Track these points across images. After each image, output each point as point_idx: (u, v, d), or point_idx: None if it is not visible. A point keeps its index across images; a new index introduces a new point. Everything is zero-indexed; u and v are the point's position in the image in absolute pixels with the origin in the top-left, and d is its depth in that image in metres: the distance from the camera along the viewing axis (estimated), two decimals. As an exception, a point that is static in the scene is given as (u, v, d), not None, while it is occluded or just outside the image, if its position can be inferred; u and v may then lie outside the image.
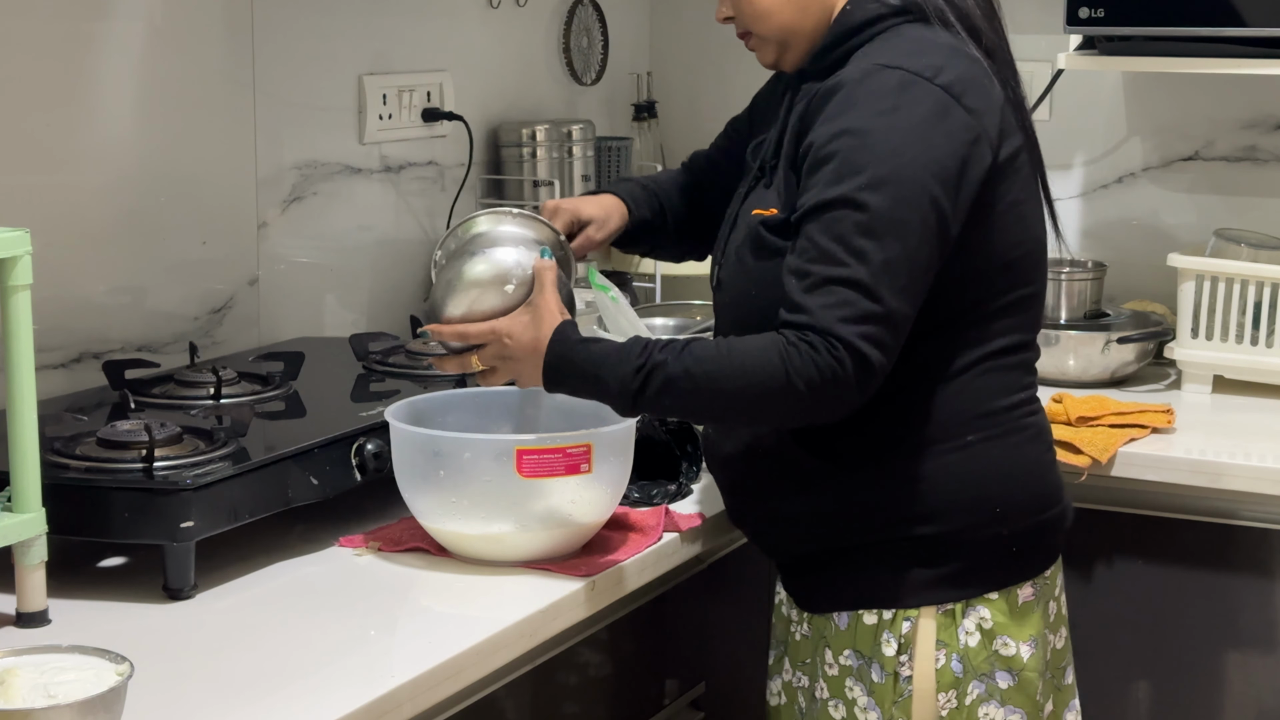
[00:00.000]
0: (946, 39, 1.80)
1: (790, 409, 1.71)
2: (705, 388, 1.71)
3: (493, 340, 1.81)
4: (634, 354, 1.73)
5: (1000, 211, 1.79)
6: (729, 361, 1.71)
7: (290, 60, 2.53)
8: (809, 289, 1.69)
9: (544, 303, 1.81)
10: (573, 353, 1.77)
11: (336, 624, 1.72)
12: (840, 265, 1.68)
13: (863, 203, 1.68)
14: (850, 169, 1.70)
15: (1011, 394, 1.85)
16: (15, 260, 1.61)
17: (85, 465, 1.80)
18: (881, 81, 1.74)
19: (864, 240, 1.68)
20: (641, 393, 1.72)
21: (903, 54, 1.77)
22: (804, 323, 1.68)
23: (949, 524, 1.81)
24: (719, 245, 1.95)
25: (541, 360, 1.77)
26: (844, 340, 1.66)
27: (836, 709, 1.87)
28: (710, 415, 1.85)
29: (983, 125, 1.75)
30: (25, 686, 1.39)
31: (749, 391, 1.70)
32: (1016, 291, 1.84)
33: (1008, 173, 1.79)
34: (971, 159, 1.74)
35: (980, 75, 1.79)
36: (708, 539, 2.07)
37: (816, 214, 1.71)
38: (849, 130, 1.72)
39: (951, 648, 1.82)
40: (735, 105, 2.07)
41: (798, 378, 1.67)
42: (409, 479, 1.88)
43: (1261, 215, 2.95)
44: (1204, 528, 2.43)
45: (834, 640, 1.86)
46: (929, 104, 1.73)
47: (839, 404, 1.70)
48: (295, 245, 2.57)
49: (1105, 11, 2.70)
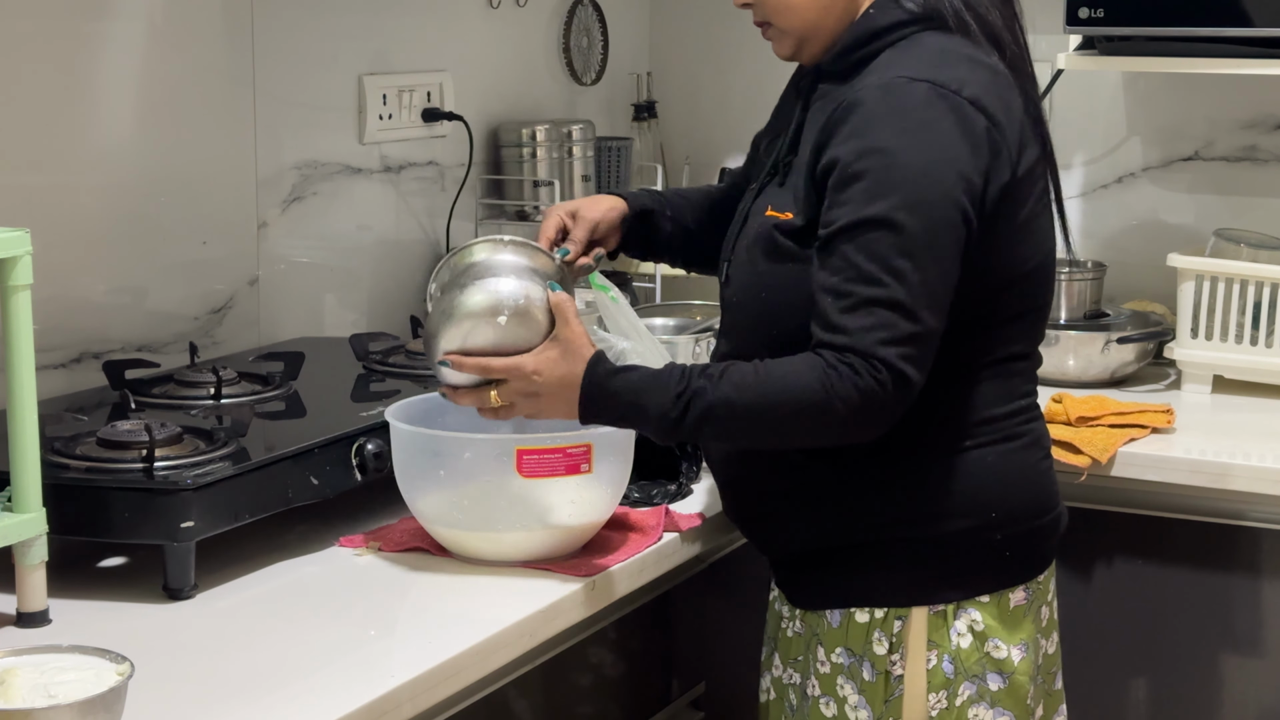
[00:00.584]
0: (968, 49, 1.80)
1: (831, 431, 1.71)
2: (745, 415, 1.71)
3: (517, 376, 1.77)
4: (673, 381, 1.72)
5: (1015, 227, 1.79)
6: (769, 386, 1.70)
7: (290, 60, 2.53)
8: (848, 310, 1.68)
9: (571, 335, 1.78)
10: (609, 383, 1.75)
11: (336, 624, 1.72)
12: (880, 286, 1.68)
13: (899, 224, 1.68)
14: (883, 189, 1.69)
15: (1011, 401, 1.85)
16: (15, 260, 1.61)
17: (85, 465, 1.80)
18: (907, 96, 1.73)
19: (902, 261, 1.68)
20: (682, 420, 1.71)
21: (926, 65, 1.76)
22: (844, 344, 1.68)
23: (944, 527, 1.81)
24: (728, 241, 1.94)
25: (576, 394, 1.75)
26: (886, 362, 1.67)
27: (828, 706, 1.87)
28: (750, 439, 1.81)
29: (1005, 140, 1.76)
30: (25, 686, 1.39)
31: (790, 417, 1.70)
32: (1024, 304, 1.84)
33: (1024, 186, 1.79)
34: (994, 173, 1.74)
35: (1002, 87, 1.79)
36: (708, 539, 2.07)
37: (851, 234, 1.70)
38: (878, 149, 1.71)
39: (943, 648, 1.82)
40: (735, 105, 2.07)
41: (840, 401, 1.67)
42: (409, 479, 1.88)
43: (1261, 215, 2.95)
44: (1204, 528, 2.43)
45: (826, 638, 1.87)
46: (955, 119, 1.72)
47: (878, 424, 1.71)
48: (295, 245, 2.57)
49: (1105, 11, 2.70)
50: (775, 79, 2.20)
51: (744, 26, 1.99)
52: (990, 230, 1.76)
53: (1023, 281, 1.83)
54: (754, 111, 3.16)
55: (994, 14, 1.84)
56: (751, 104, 3.26)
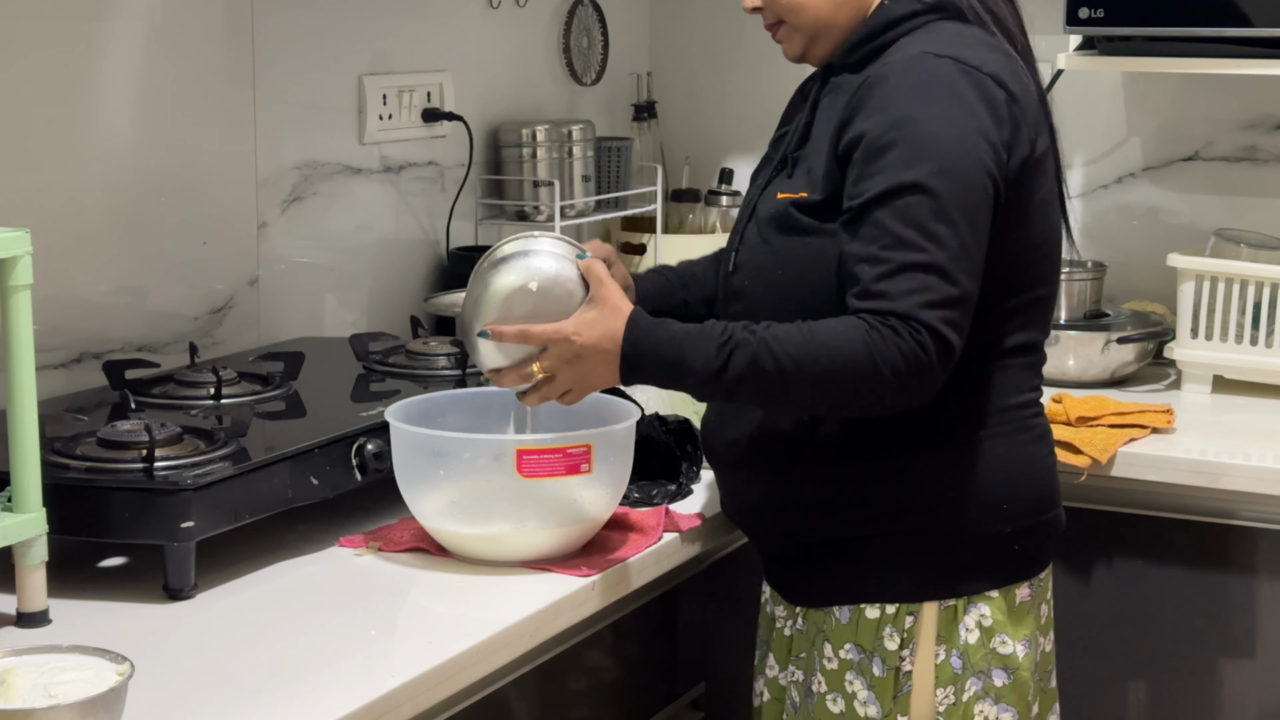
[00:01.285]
0: (983, 35, 1.82)
1: (872, 394, 1.70)
2: (788, 369, 1.70)
3: (557, 340, 1.76)
4: (715, 332, 1.72)
5: (1032, 208, 1.81)
6: (813, 343, 1.70)
7: (290, 60, 2.53)
8: (886, 275, 1.68)
9: (607, 294, 1.77)
10: (651, 336, 1.74)
11: (336, 624, 1.72)
12: (919, 250, 1.68)
13: (934, 189, 1.69)
14: (917, 156, 1.70)
15: (1021, 393, 1.86)
16: (15, 260, 1.61)
17: (85, 465, 1.80)
18: (934, 69, 1.75)
19: (939, 225, 1.68)
20: (724, 372, 1.70)
21: (947, 44, 1.78)
22: (884, 309, 1.67)
23: (954, 518, 1.81)
24: (735, 235, 1.94)
25: (617, 352, 1.74)
26: (928, 325, 1.67)
27: (835, 702, 1.87)
28: (791, 397, 1.76)
29: (1025, 118, 1.78)
30: (25, 686, 1.39)
31: (832, 373, 1.69)
32: (1034, 291, 1.85)
33: (1040, 168, 1.81)
34: (1015, 146, 1.76)
35: (1019, 71, 1.81)
36: (708, 539, 2.07)
37: (887, 200, 1.70)
38: (909, 118, 1.73)
39: (952, 644, 1.83)
40: (735, 105, 2.07)
41: (883, 364, 1.67)
42: (409, 479, 1.88)
43: (1261, 215, 2.95)
44: (1204, 528, 2.43)
45: (834, 634, 1.86)
46: (981, 92, 1.75)
47: (920, 389, 1.70)
48: (295, 245, 2.57)
49: (1105, 11, 2.70)
50: (775, 79, 2.21)
51: (744, 26, 2.00)
52: (1009, 208, 1.77)
53: (1034, 266, 1.84)
54: (754, 111, 3.18)
55: (1002, 8, 1.87)
56: (751, 104, 3.28)
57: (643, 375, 1.76)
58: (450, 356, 2.29)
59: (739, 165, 3.22)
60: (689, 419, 2.17)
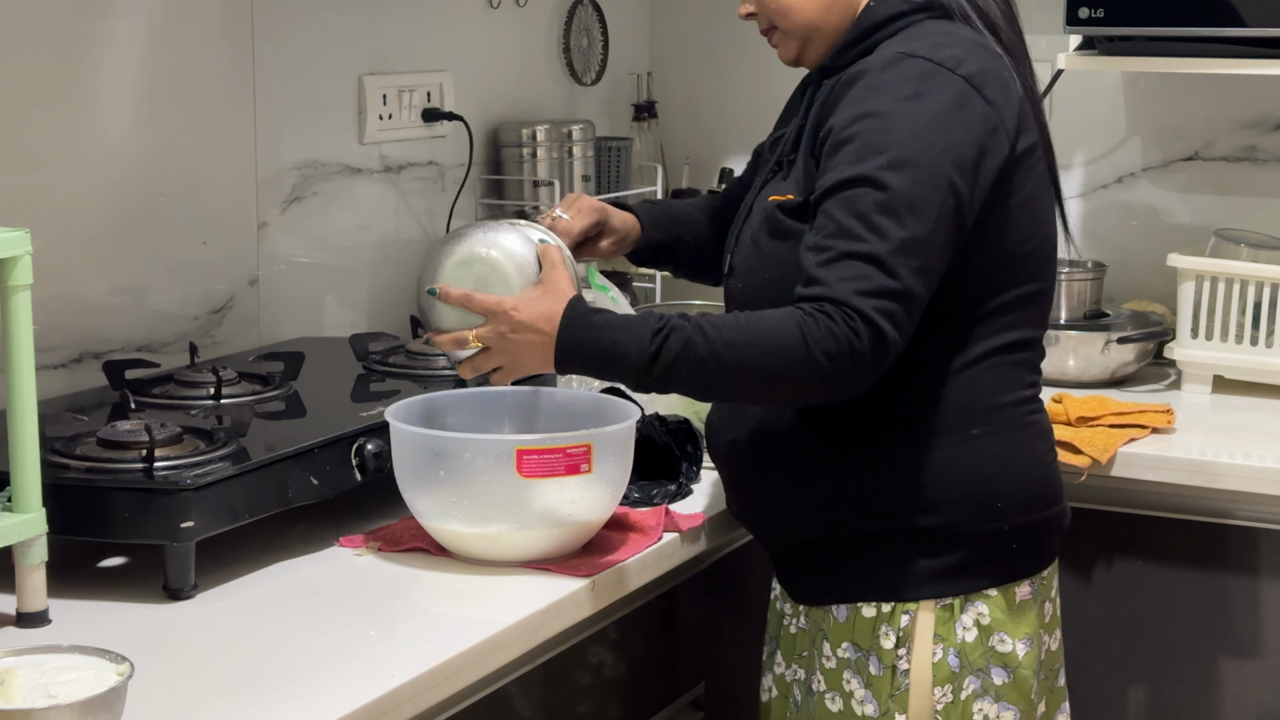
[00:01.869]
0: (969, 33, 1.83)
1: (807, 381, 1.70)
2: (723, 354, 1.70)
3: (497, 312, 1.78)
4: (650, 320, 1.73)
5: (1015, 205, 1.80)
6: (746, 329, 1.71)
7: (290, 60, 2.53)
8: (826, 263, 1.69)
9: (555, 278, 1.80)
10: (588, 320, 1.75)
11: (336, 624, 1.72)
12: (859, 240, 1.69)
13: (883, 182, 1.70)
14: (871, 149, 1.72)
15: (1016, 390, 1.86)
16: (15, 260, 1.61)
17: (85, 465, 1.80)
18: (905, 69, 1.76)
19: (883, 218, 1.69)
20: (657, 358, 1.71)
21: (926, 45, 1.79)
22: (820, 294, 1.68)
23: (950, 516, 1.81)
24: (732, 236, 1.95)
25: (553, 335, 1.75)
26: (860, 312, 1.67)
27: (833, 701, 1.87)
28: (724, 385, 1.76)
29: (1001, 117, 1.77)
30: (25, 686, 1.39)
31: (766, 359, 1.70)
32: (1025, 287, 1.85)
33: (1023, 166, 1.81)
34: (989, 149, 1.76)
35: (1001, 69, 1.81)
36: (708, 539, 2.07)
37: (837, 191, 1.72)
38: (872, 113, 1.74)
39: (949, 642, 1.83)
40: (735, 105, 2.07)
41: (815, 347, 1.67)
42: (409, 479, 1.88)
43: (1261, 215, 2.95)
44: (1204, 528, 2.43)
45: (832, 633, 1.87)
46: (950, 93, 1.75)
47: (853, 378, 1.70)
48: (295, 245, 2.57)
49: (1105, 11, 2.70)
50: (775, 79, 2.21)
51: (744, 26, 2.00)
52: (991, 207, 1.77)
53: (1024, 262, 1.84)
54: (754, 111, 3.18)
55: (991, 4, 1.87)
56: (751, 104, 3.27)
57: (577, 360, 1.76)
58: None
59: (739, 165, 3.20)
60: (689, 419, 2.17)
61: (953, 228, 1.73)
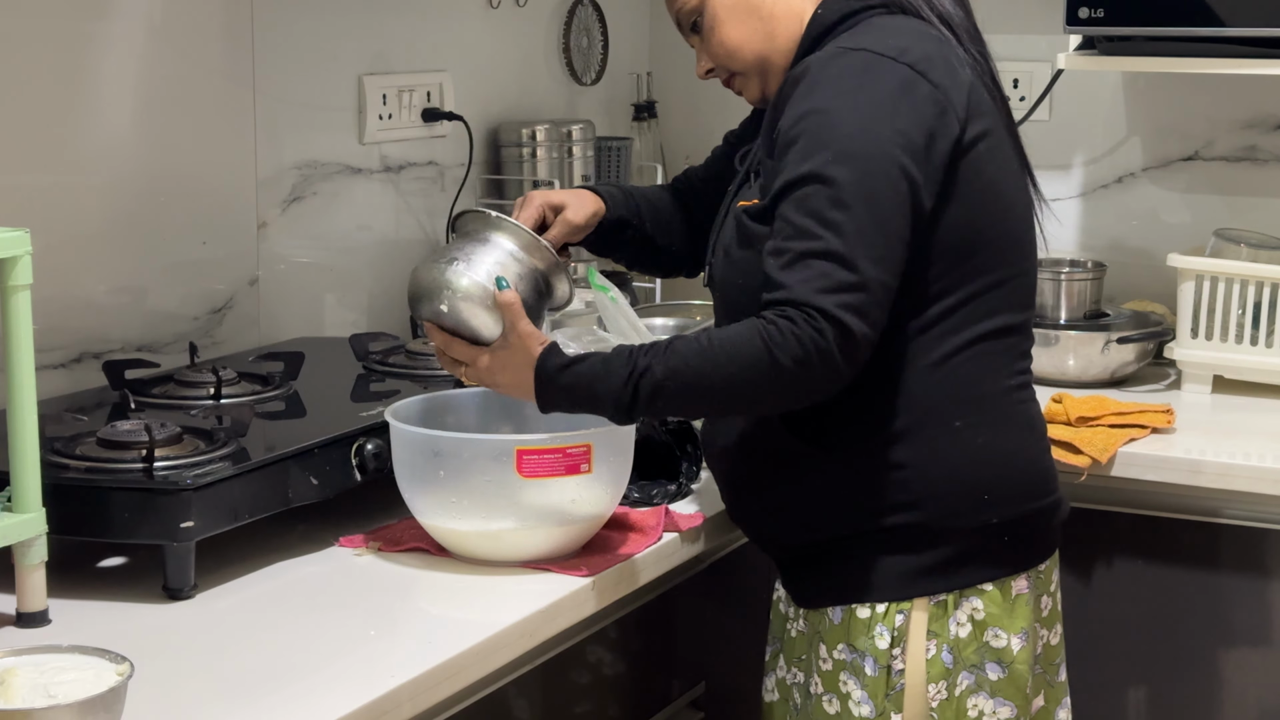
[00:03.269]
0: (915, 25, 1.83)
1: (779, 388, 1.70)
2: (694, 384, 1.72)
3: (475, 367, 1.82)
4: (621, 365, 1.73)
5: (976, 190, 1.80)
6: (712, 353, 1.71)
7: (290, 60, 2.53)
8: (785, 265, 1.70)
9: (518, 338, 1.80)
10: (559, 379, 1.77)
11: (336, 624, 1.72)
12: (814, 239, 1.69)
13: (830, 177, 1.70)
14: (816, 145, 1.72)
15: (1001, 379, 1.85)
16: (15, 260, 1.61)
17: (85, 465, 1.80)
18: (846, 63, 1.77)
19: (836, 212, 1.69)
20: (635, 403, 1.73)
21: (869, 39, 1.79)
22: (782, 298, 1.69)
23: (938, 510, 1.81)
24: (710, 245, 1.96)
25: (532, 394, 1.78)
26: (823, 310, 1.67)
27: (830, 704, 1.87)
28: (706, 409, 1.84)
29: (950, 99, 1.77)
30: (25, 686, 1.39)
31: (737, 378, 1.70)
32: (999, 272, 1.84)
33: (980, 150, 1.80)
34: (939, 131, 1.75)
35: (949, 55, 1.81)
36: (708, 539, 2.07)
37: (788, 192, 1.72)
38: (814, 110, 1.74)
39: (942, 638, 1.82)
40: (735, 105, 2.07)
41: (781, 354, 1.67)
42: (409, 479, 1.88)
43: (1261, 215, 2.95)
44: (1204, 528, 2.43)
45: (828, 635, 1.87)
46: (894, 80, 1.75)
47: (826, 377, 1.70)
48: (295, 245, 2.57)
49: (1105, 11, 2.70)
50: (775, 79, 2.20)
51: (744, 26, 2.00)
52: (949, 191, 1.77)
53: (993, 247, 1.83)
54: (754, 111, 3.17)
55: None
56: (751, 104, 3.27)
57: (562, 410, 1.80)
58: (450, 356, 2.29)
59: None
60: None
61: (909, 211, 1.73)
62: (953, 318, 1.81)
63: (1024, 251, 1.88)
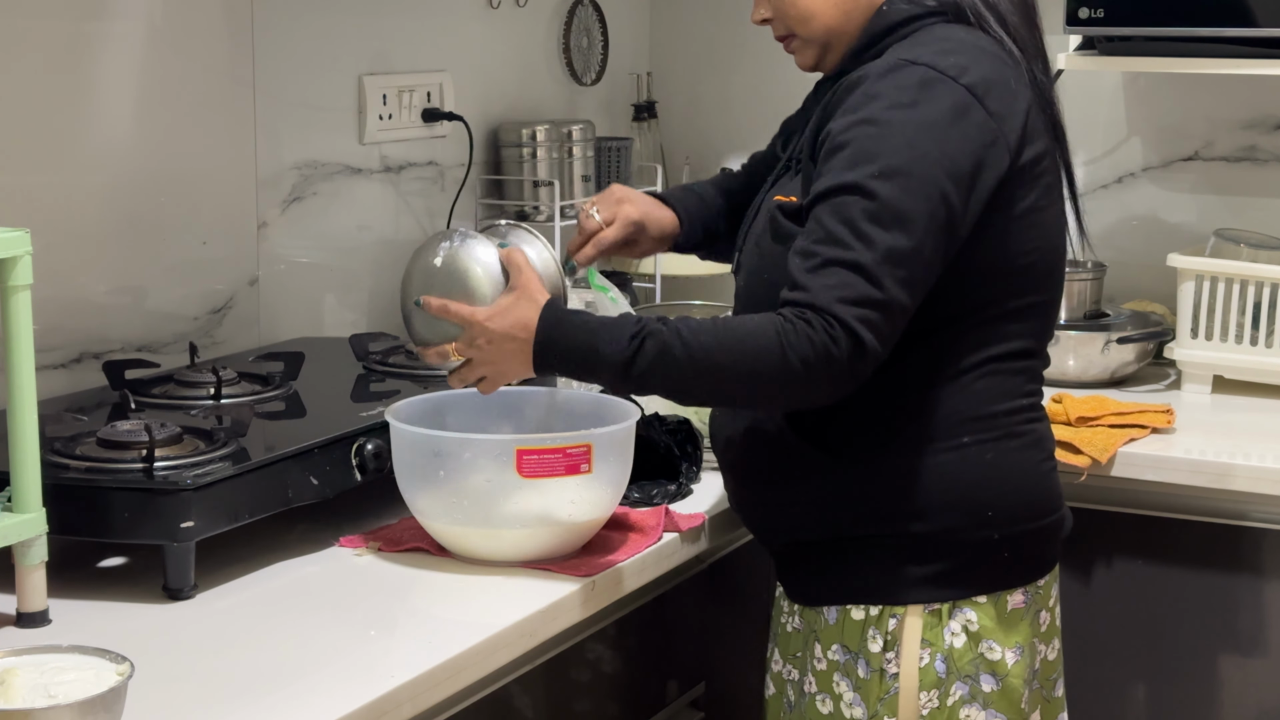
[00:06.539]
0: (978, 39, 1.80)
1: (781, 386, 1.70)
2: (699, 358, 1.70)
3: (471, 323, 1.78)
4: (629, 322, 1.73)
5: (1015, 216, 1.79)
6: (724, 334, 1.71)
7: (290, 60, 2.53)
8: (812, 269, 1.69)
9: (525, 282, 1.79)
10: (565, 323, 1.75)
11: (336, 624, 1.72)
12: (845, 248, 1.68)
13: (873, 190, 1.69)
14: (864, 157, 1.71)
15: (1012, 399, 1.85)
16: (15, 260, 1.61)
17: (85, 465, 1.80)
18: (904, 76, 1.75)
19: (871, 226, 1.68)
20: (634, 361, 1.70)
21: (930, 51, 1.77)
22: (803, 300, 1.68)
23: (940, 523, 1.81)
24: (741, 233, 1.95)
25: (530, 340, 1.75)
26: (841, 320, 1.66)
27: (824, 703, 1.87)
28: (703, 390, 1.77)
29: (1002, 129, 1.75)
30: (25, 686, 1.39)
31: (742, 364, 1.69)
32: (1026, 298, 1.84)
33: (1027, 179, 1.79)
34: (987, 161, 1.74)
35: (1008, 77, 1.78)
36: (708, 539, 2.07)
37: (827, 198, 1.71)
38: (867, 120, 1.73)
39: (936, 647, 1.82)
40: (735, 105, 2.07)
41: (792, 353, 1.66)
42: (409, 479, 1.88)
43: (1261, 215, 2.95)
44: (1204, 528, 2.43)
45: (823, 634, 1.87)
46: (949, 101, 1.73)
47: (831, 385, 1.69)
48: (295, 245, 2.57)
49: (1105, 12, 2.70)
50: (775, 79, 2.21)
51: (744, 26, 2.00)
52: (989, 219, 1.76)
53: (1025, 273, 1.83)
54: (754, 112, 3.18)
55: (1006, 5, 1.84)
56: (752, 104, 3.27)
57: (554, 364, 1.76)
58: (450, 356, 2.29)
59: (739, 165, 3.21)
60: (689, 419, 2.17)
61: (944, 238, 1.72)
62: (971, 336, 1.81)
63: (1053, 280, 1.88)
